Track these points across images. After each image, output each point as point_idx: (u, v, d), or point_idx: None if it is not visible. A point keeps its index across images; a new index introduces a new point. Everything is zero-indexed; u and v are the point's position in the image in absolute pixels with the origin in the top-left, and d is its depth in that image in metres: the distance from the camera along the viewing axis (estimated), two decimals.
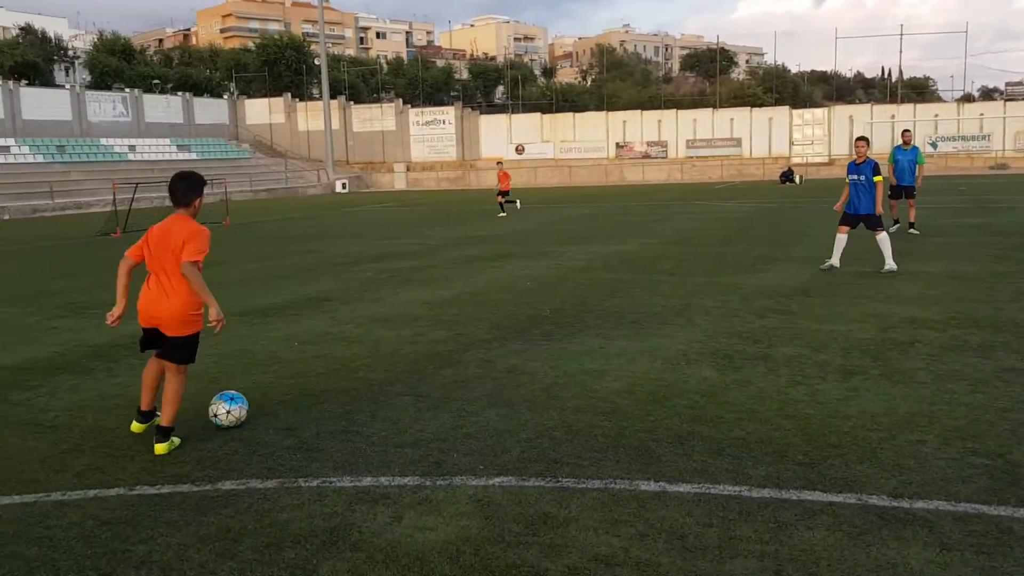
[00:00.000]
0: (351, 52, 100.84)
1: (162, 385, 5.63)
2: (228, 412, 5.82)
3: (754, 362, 7.26)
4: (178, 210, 5.55)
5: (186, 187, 5.55)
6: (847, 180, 12.54)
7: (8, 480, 5.06)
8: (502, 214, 28.11)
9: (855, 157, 12.54)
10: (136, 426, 5.83)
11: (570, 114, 65.68)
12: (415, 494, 4.62)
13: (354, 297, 11.68)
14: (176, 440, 5.50)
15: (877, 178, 12.23)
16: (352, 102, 69.41)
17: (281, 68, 71.12)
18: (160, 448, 5.39)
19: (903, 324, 8.65)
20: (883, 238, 12.30)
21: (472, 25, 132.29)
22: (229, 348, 8.50)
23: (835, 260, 12.54)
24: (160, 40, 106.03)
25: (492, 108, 74.43)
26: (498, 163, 32.26)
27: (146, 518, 4.42)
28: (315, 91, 70.31)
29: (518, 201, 31.14)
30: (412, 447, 5.38)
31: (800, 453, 5.04)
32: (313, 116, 65.97)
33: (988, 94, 73.97)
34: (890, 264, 12.15)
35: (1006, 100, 64.80)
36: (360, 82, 75.09)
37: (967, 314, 9.05)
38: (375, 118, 67.94)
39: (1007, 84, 74.36)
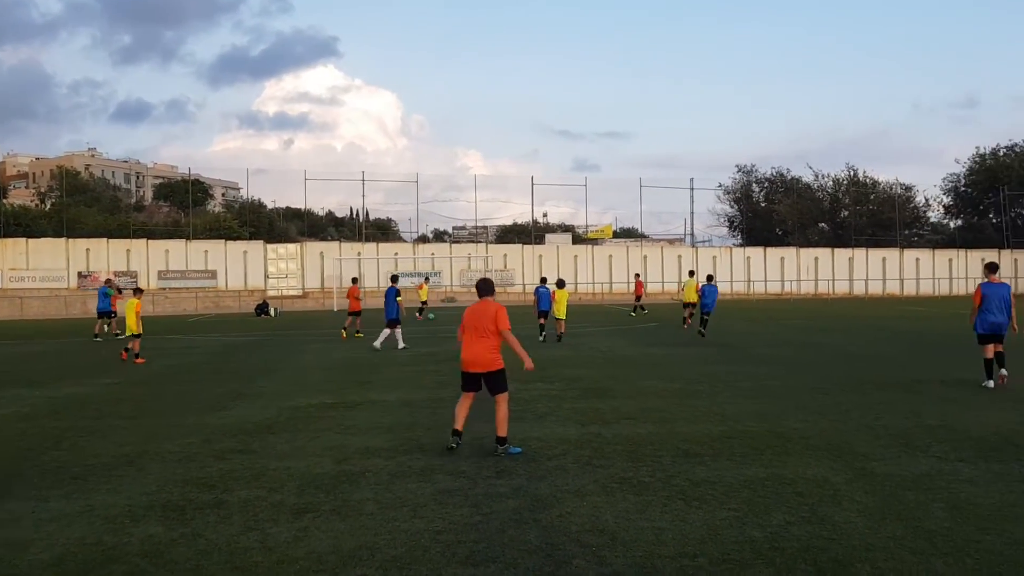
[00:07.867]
0: None
1: None
2: None
3: (207, 511, 6.93)
4: None
5: None
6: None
7: None
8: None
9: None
10: None
11: (23, 239, 58.66)
12: None
13: None
14: None
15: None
16: None
17: None
18: None
19: (357, 455, 9.07)
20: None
21: None
22: None
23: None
24: None
25: None
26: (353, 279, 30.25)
27: None
28: None
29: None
30: None
31: None
32: None
33: (440, 236, 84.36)
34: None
35: (452, 242, 74.99)
36: None
37: (414, 440, 9.85)
38: None
39: (453, 228, 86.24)
